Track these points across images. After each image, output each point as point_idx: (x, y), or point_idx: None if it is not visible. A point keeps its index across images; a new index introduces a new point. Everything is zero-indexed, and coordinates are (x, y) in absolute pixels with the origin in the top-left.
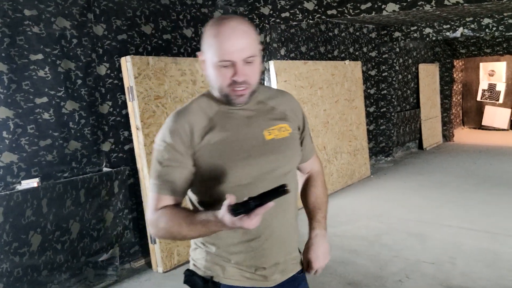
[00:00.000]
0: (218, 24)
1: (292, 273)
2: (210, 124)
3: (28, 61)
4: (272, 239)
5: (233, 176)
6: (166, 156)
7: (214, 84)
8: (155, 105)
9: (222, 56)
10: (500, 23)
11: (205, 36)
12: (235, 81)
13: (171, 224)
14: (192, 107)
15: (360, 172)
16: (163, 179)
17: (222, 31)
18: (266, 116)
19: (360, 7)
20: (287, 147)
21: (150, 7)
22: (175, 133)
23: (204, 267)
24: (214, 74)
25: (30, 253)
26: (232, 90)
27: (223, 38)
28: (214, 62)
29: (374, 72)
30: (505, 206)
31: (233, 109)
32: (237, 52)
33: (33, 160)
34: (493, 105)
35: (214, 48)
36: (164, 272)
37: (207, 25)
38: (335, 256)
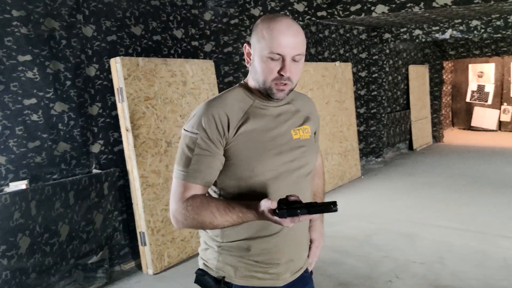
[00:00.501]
0: (274, 19)
1: (300, 273)
2: (245, 117)
3: (16, 62)
4: (289, 236)
5: (263, 169)
6: (198, 144)
7: (258, 76)
8: (145, 106)
9: (274, 49)
10: (488, 25)
11: (257, 29)
12: (281, 75)
13: (203, 213)
14: (227, 98)
15: (351, 173)
16: (193, 167)
17: (277, 26)
18: (293, 116)
19: (350, 8)
20: (309, 148)
21: (140, 8)
22: (211, 121)
23: (216, 267)
24: (261, 66)
25: (18, 256)
26: (276, 84)
27: (278, 32)
28: (264, 54)
29: (364, 74)
30: (494, 206)
31: (266, 106)
32: (289, 48)
33: (21, 162)
34: (482, 106)
35: (267, 41)
36: (155, 274)
37: (261, 20)
38: (326, 257)
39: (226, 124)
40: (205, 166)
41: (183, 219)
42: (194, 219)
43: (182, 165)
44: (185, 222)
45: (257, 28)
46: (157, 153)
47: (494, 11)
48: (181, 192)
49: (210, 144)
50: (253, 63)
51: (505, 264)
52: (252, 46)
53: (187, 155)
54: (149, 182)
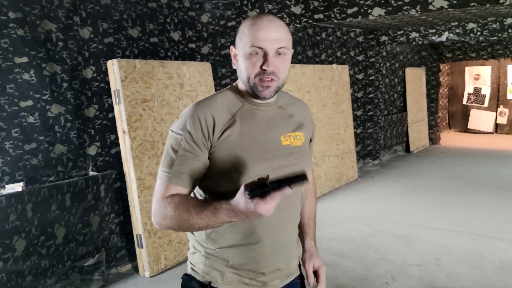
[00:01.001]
0: (255, 17)
1: (291, 279)
2: (232, 120)
3: (12, 64)
4: (275, 245)
5: (250, 175)
6: (182, 145)
7: (243, 75)
8: (142, 109)
9: (255, 42)
10: (485, 28)
11: (239, 29)
12: (264, 70)
13: (179, 212)
14: (215, 100)
15: (348, 175)
16: (176, 169)
17: (258, 21)
18: (285, 121)
19: (347, 11)
20: (300, 155)
21: (137, 10)
22: (196, 123)
23: (203, 271)
24: (244, 63)
25: (14, 258)
26: (260, 80)
27: (258, 27)
28: (245, 51)
29: (361, 76)
30: (490, 208)
31: (256, 109)
32: (270, 42)
33: (17, 164)
34: (478, 108)
35: (248, 37)
36: (151, 276)
37: (243, 20)
38: (323, 259)
39: (212, 127)
40: (188, 168)
41: (162, 219)
42: (172, 217)
43: (165, 166)
44: (164, 222)
45: (239, 28)
46: (154, 155)
47: (490, 14)
48: (162, 192)
49: (194, 146)
50: (238, 63)
51: (502, 265)
52: (236, 46)
53: (170, 156)
54: (146, 184)
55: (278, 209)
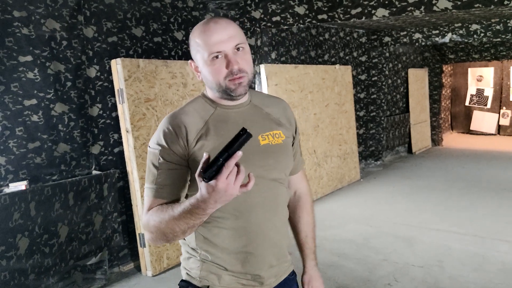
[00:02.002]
0: (201, 25)
1: (285, 275)
2: (205, 128)
3: (17, 63)
4: (266, 244)
5: None
6: (162, 159)
7: (211, 83)
8: (145, 108)
9: (211, 48)
10: (488, 29)
11: (191, 40)
12: (231, 71)
13: (160, 221)
14: (187, 109)
15: (350, 176)
16: (159, 182)
17: (206, 28)
18: (261, 121)
19: (350, 12)
20: (281, 154)
21: (141, 9)
22: (170, 135)
23: (199, 276)
24: (208, 71)
25: (17, 257)
26: (230, 80)
27: (208, 32)
28: (205, 59)
29: (364, 77)
30: (492, 210)
31: (228, 112)
32: (225, 42)
33: (21, 163)
34: (481, 110)
35: (203, 45)
36: (154, 276)
37: (191, 32)
38: (325, 260)
39: (185, 135)
40: (170, 180)
41: (149, 232)
42: (156, 228)
43: (149, 181)
44: (152, 235)
45: (190, 41)
46: None
47: (494, 15)
48: (147, 207)
49: (173, 156)
50: (203, 74)
51: (504, 268)
52: (194, 59)
53: (152, 171)
54: None
55: (265, 207)
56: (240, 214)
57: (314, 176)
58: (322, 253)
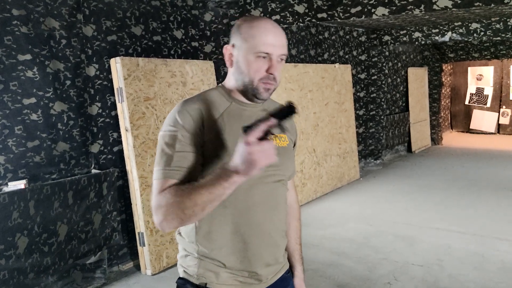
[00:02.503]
0: (258, 19)
1: (282, 273)
2: (219, 120)
3: (16, 62)
4: (264, 243)
5: None
6: (179, 139)
7: (244, 77)
8: (144, 107)
9: (263, 47)
10: (488, 28)
11: (241, 29)
12: (269, 74)
13: (177, 199)
14: (203, 97)
15: (350, 174)
16: (175, 164)
17: (264, 25)
18: None
19: (350, 10)
20: (285, 156)
21: (141, 8)
22: (187, 117)
23: (197, 274)
24: (247, 65)
25: (16, 256)
26: (263, 83)
27: (265, 30)
28: (251, 53)
29: (363, 76)
30: (492, 209)
31: (243, 109)
32: (276, 47)
33: (20, 162)
34: (481, 109)
35: (255, 39)
36: (153, 274)
37: (242, 20)
38: (324, 259)
39: (201, 122)
40: (187, 163)
41: (162, 212)
42: (172, 205)
43: (161, 164)
44: (165, 213)
45: (240, 28)
46: None
47: (494, 14)
48: (159, 188)
49: (191, 138)
50: (237, 64)
51: (504, 267)
52: (236, 47)
53: (167, 153)
54: (148, 182)
55: (266, 207)
56: (242, 211)
57: (313, 175)
58: (322, 252)
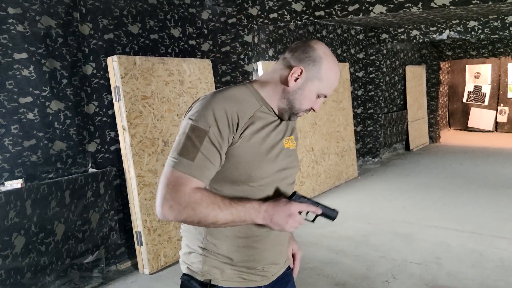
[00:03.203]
0: (335, 61)
1: (283, 269)
2: (251, 120)
3: (12, 60)
4: (272, 241)
5: (260, 175)
6: (209, 138)
7: (295, 102)
8: (142, 105)
9: (328, 92)
10: (486, 26)
11: (323, 62)
12: (310, 110)
13: (202, 210)
14: (238, 96)
15: (348, 173)
16: (199, 162)
17: (336, 71)
18: (285, 126)
19: (348, 8)
20: (295, 158)
21: (137, 6)
22: (223, 117)
23: (201, 270)
24: (306, 98)
25: (13, 255)
26: (302, 112)
27: (335, 78)
28: (315, 90)
29: (361, 74)
30: (490, 207)
31: (267, 113)
32: (331, 92)
33: (17, 161)
34: (478, 107)
35: (327, 83)
36: (151, 274)
37: (325, 55)
38: (323, 257)
39: (236, 123)
40: (211, 164)
41: (181, 208)
42: (196, 213)
43: (186, 156)
44: (183, 211)
45: (322, 62)
46: (154, 152)
47: (492, 12)
48: (184, 183)
49: (220, 141)
50: (298, 91)
51: (502, 264)
52: (306, 76)
53: (194, 147)
54: (146, 181)
55: None
56: None
57: (311, 173)
58: (320, 250)
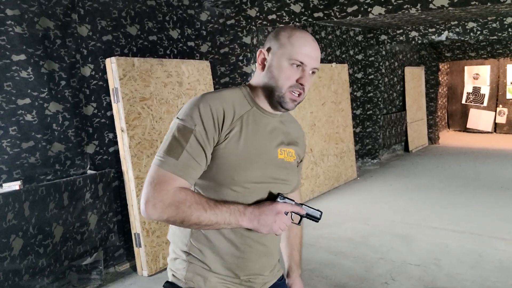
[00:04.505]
0: (298, 30)
1: (274, 280)
2: (239, 123)
3: (10, 62)
4: (259, 252)
5: (244, 180)
6: (195, 136)
7: (273, 82)
8: (140, 107)
9: (298, 56)
10: (484, 27)
11: (279, 35)
12: (299, 83)
13: (186, 210)
14: (226, 96)
15: (347, 174)
16: (184, 161)
17: (303, 35)
18: (283, 136)
19: (347, 10)
20: (290, 172)
21: (136, 8)
22: (208, 114)
23: (185, 278)
24: (280, 70)
25: (11, 258)
26: (290, 92)
27: (304, 41)
28: (285, 60)
29: (360, 75)
30: (489, 208)
31: (261, 117)
32: (311, 59)
33: (15, 163)
34: (477, 108)
35: (292, 48)
36: (149, 276)
37: (282, 29)
38: (322, 258)
39: (222, 122)
40: (196, 163)
41: (164, 207)
42: (179, 212)
43: (171, 155)
44: (166, 210)
45: (279, 34)
46: (153, 153)
47: (490, 13)
48: (168, 181)
49: (205, 139)
50: (269, 69)
51: (501, 266)
52: (271, 52)
53: (179, 145)
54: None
55: None
56: None
57: (310, 174)
58: (319, 252)
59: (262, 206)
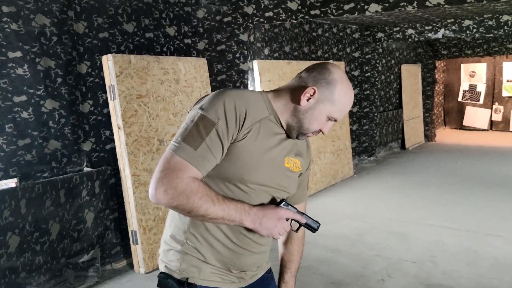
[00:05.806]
0: (349, 85)
1: (262, 273)
2: (256, 124)
3: (6, 59)
4: (252, 249)
5: (251, 181)
6: (216, 131)
7: (304, 122)
8: (137, 104)
9: (338, 116)
10: (481, 24)
11: (337, 86)
12: (319, 132)
13: (196, 201)
14: (250, 97)
15: (343, 171)
16: (201, 153)
17: (349, 95)
18: (291, 146)
19: (343, 7)
20: (292, 181)
21: (132, 5)
22: (232, 112)
23: (179, 268)
24: (315, 120)
25: (8, 255)
26: (311, 133)
27: (348, 102)
28: (327, 114)
29: (357, 73)
30: (485, 206)
31: (275, 125)
32: (342, 116)
33: (11, 160)
34: (473, 105)
35: (339, 107)
36: (146, 273)
37: (340, 78)
38: (318, 255)
39: (243, 120)
40: (212, 156)
41: (176, 194)
42: (189, 201)
43: (190, 144)
44: (177, 197)
45: (337, 85)
46: (149, 151)
47: (487, 11)
48: (182, 169)
49: (225, 134)
50: (309, 109)
51: (497, 263)
52: (320, 98)
53: (199, 136)
54: (141, 180)
55: None
56: None
57: None
58: (316, 249)
59: (266, 209)
